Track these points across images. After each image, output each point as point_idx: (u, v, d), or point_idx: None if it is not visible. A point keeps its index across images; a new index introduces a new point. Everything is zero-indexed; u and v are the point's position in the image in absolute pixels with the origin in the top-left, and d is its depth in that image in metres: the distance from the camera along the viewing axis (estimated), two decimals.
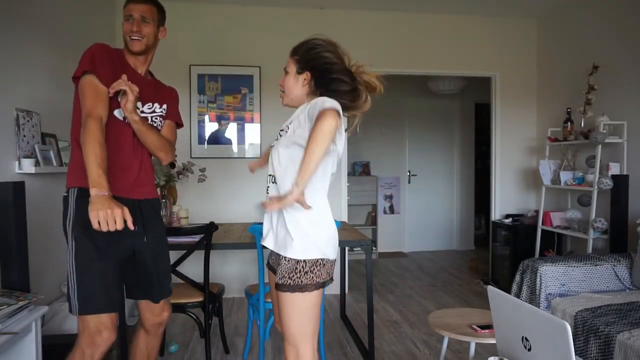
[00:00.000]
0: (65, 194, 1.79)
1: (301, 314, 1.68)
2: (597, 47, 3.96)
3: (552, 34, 4.64)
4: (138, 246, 1.90)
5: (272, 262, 1.84)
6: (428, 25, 4.70)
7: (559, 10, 4.49)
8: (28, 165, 2.56)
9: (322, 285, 1.69)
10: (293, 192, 1.51)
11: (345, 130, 1.80)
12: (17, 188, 2.24)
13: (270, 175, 1.73)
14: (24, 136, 2.59)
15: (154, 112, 1.99)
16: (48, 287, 2.91)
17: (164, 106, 2.03)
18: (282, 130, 1.75)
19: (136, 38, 1.87)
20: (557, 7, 4.46)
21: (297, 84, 1.75)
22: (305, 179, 1.50)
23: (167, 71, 4.24)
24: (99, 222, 1.52)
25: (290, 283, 1.65)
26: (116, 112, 1.83)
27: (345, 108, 1.70)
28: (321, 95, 1.67)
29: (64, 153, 3.07)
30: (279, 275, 1.68)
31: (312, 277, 1.65)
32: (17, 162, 2.54)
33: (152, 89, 1.99)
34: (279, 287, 1.68)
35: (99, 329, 1.72)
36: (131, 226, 1.59)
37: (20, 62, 2.64)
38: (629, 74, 3.64)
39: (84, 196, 1.67)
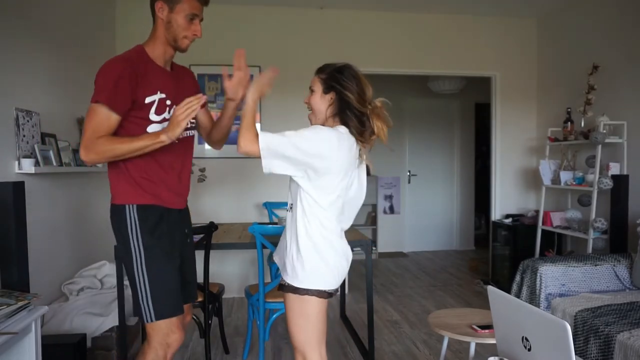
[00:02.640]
0: (119, 206, 1.80)
1: (306, 320, 1.74)
2: (597, 47, 3.96)
3: (552, 34, 4.64)
4: (184, 252, 1.95)
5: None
6: (428, 25, 4.70)
7: (559, 10, 4.49)
8: (28, 165, 2.55)
9: (317, 295, 1.73)
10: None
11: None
12: (17, 188, 2.24)
13: (290, 203, 1.82)
14: (24, 136, 2.59)
15: None
16: (48, 287, 2.91)
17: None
18: None
19: (193, 39, 1.83)
20: (557, 7, 4.46)
21: (324, 103, 1.77)
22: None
23: None
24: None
25: (286, 283, 1.75)
26: (151, 129, 1.79)
27: (354, 136, 1.76)
28: (340, 120, 1.76)
29: (64, 153, 3.07)
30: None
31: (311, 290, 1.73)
32: (17, 162, 2.54)
33: (179, 82, 1.91)
34: (281, 287, 1.78)
35: (172, 330, 1.77)
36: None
37: (20, 62, 2.64)
38: (629, 74, 3.64)
39: (144, 210, 1.76)
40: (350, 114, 1.72)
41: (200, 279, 2.76)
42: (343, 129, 1.72)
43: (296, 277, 1.71)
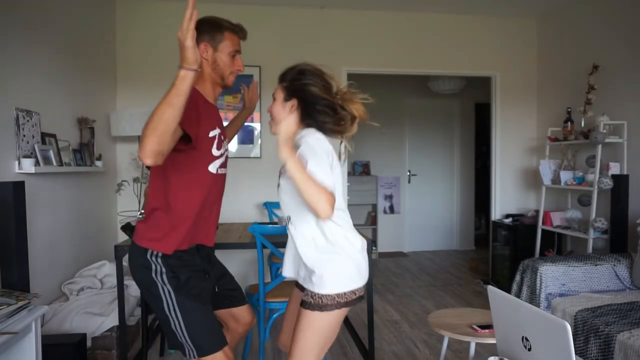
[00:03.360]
0: (142, 250, 1.68)
1: (321, 334, 1.67)
2: (597, 47, 3.96)
3: (552, 33, 4.64)
4: (213, 271, 1.90)
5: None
6: (428, 25, 4.70)
7: (559, 10, 4.49)
8: (28, 165, 2.56)
9: (345, 305, 1.68)
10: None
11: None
12: (17, 188, 2.24)
13: (287, 216, 1.75)
14: (24, 136, 2.59)
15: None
16: (48, 287, 2.91)
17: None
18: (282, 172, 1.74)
19: (237, 74, 1.82)
20: (557, 7, 4.46)
21: (284, 111, 1.71)
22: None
23: (167, 71, 4.24)
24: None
25: (311, 302, 1.65)
26: (211, 167, 1.75)
27: (332, 132, 1.72)
28: (308, 126, 1.70)
29: (64, 153, 3.07)
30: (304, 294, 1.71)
31: (335, 299, 1.65)
32: (17, 162, 2.54)
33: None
34: (302, 303, 1.69)
35: (220, 357, 1.71)
36: None
37: (20, 62, 2.64)
38: (629, 73, 3.64)
39: (169, 258, 1.67)
40: (321, 108, 1.67)
41: None
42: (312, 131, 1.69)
43: (323, 285, 1.64)
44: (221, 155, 1.79)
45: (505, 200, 4.88)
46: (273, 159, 4.16)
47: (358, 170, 6.35)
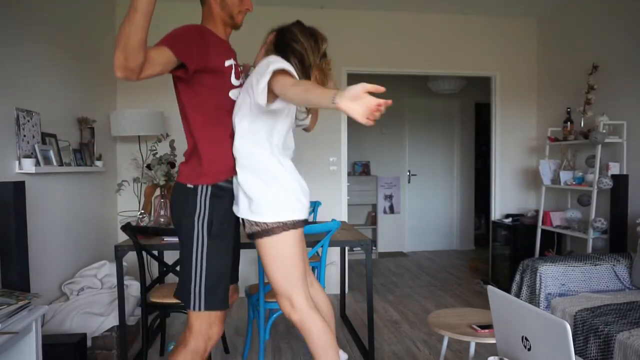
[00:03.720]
0: (191, 187, 1.76)
1: (279, 260, 1.73)
2: (597, 47, 3.96)
3: (552, 33, 4.65)
4: (236, 236, 1.96)
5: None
6: (428, 25, 4.70)
7: (559, 10, 4.49)
8: (28, 165, 2.56)
9: (292, 226, 1.72)
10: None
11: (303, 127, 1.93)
12: (17, 188, 2.24)
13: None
14: (24, 136, 2.59)
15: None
16: (48, 287, 2.91)
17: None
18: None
19: (246, 13, 1.90)
20: (557, 7, 4.47)
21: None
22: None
23: None
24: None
25: (257, 230, 1.71)
26: (231, 94, 1.82)
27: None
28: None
29: (64, 153, 3.07)
30: (247, 226, 1.75)
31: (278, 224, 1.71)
32: (17, 162, 2.54)
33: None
34: (250, 237, 1.75)
35: (215, 323, 1.79)
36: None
37: (20, 62, 2.64)
38: (629, 74, 3.64)
39: (217, 194, 1.75)
40: (296, 50, 1.77)
41: None
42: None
43: (261, 213, 1.70)
44: (240, 85, 1.85)
45: (505, 200, 4.88)
46: None
47: (358, 170, 6.35)
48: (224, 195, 1.80)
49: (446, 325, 2.23)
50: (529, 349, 1.42)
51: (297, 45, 1.77)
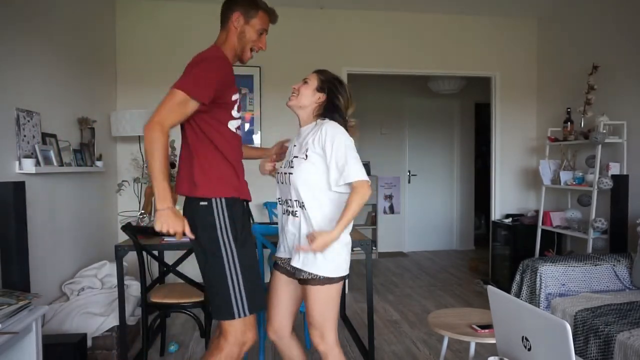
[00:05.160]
0: (205, 204, 1.77)
1: (330, 304, 1.91)
2: (597, 47, 3.96)
3: (552, 33, 4.65)
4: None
5: (287, 267, 1.96)
6: (428, 25, 4.70)
7: (559, 10, 4.49)
8: (28, 165, 2.55)
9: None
10: (333, 234, 1.75)
11: None
12: (18, 188, 2.25)
13: (294, 200, 1.89)
14: (24, 136, 2.59)
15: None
16: (48, 287, 2.91)
17: None
18: (295, 157, 1.90)
19: (256, 51, 1.95)
20: (557, 7, 4.47)
21: (313, 97, 1.92)
22: (343, 227, 1.78)
23: (167, 71, 4.24)
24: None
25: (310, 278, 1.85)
26: (231, 125, 1.86)
27: None
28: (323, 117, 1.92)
29: (65, 153, 3.07)
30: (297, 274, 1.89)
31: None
32: (17, 162, 2.54)
33: None
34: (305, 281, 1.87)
35: (249, 328, 1.83)
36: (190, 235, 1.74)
37: (20, 62, 2.64)
38: (629, 74, 3.64)
39: (233, 205, 1.80)
40: (339, 117, 1.89)
41: (200, 279, 2.77)
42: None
43: (327, 268, 1.83)
44: (239, 118, 1.90)
45: (505, 200, 4.88)
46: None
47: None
48: (236, 208, 1.84)
49: (446, 325, 2.23)
50: (529, 349, 1.42)
51: (340, 104, 1.93)
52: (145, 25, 4.30)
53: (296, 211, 1.87)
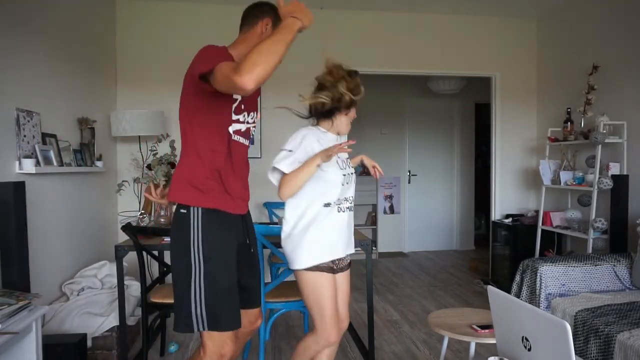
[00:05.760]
0: (184, 211, 1.73)
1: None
2: (597, 47, 3.96)
3: (552, 33, 4.65)
4: (244, 260, 1.91)
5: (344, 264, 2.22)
6: (428, 25, 4.70)
7: (559, 10, 4.49)
8: (28, 165, 2.56)
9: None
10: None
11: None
12: (18, 188, 2.25)
13: (350, 196, 2.17)
14: (24, 136, 2.59)
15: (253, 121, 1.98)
16: (48, 287, 2.91)
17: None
18: (348, 157, 2.29)
19: None
20: (557, 7, 4.47)
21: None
22: None
23: (167, 71, 4.25)
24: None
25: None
26: (231, 128, 1.81)
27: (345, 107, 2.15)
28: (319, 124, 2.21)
29: (65, 153, 3.07)
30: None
31: None
32: (17, 162, 2.54)
33: None
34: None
35: (226, 342, 1.77)
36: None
37: (20, 63, 2.64)
38: (629, 74, 3.64)
39: (209, 215, 1.72)
40: (337, 112, 2.20)
41: None
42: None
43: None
44: (238, 121, 1.84)
45: (505, 200, 4.88)
46: (272, 160, 4.16)
47: (358, 170, 6.28)
48: (214, 221, 1.75)
49: (446, 325, 2.23)
50: (529, 349, 1.42)
51: (328, 104, 2.22)
52: (146, 25, 4.30)
53: (352, 205, 2.14)
